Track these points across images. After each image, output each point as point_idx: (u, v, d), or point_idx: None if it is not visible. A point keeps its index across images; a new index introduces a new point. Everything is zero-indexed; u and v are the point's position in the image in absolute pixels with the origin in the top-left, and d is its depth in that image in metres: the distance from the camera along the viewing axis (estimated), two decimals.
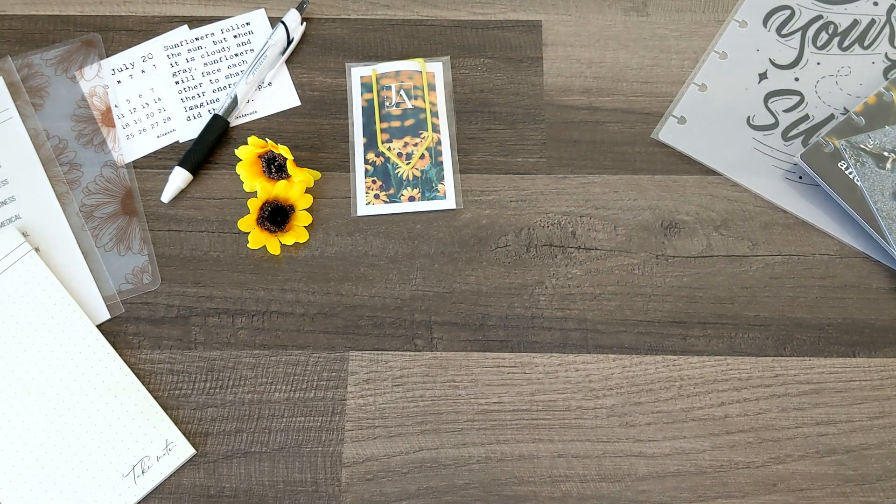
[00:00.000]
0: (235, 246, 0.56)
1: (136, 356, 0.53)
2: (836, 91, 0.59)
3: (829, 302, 0.54)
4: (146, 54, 0.61)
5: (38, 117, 0.58)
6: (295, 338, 0.54)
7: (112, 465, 0.50)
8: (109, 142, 0.58)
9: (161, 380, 0.53)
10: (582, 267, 0.55)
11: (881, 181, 0.54)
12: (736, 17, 0.61)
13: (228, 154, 0.58)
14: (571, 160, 0.58)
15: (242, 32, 0.62)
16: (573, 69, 0.61)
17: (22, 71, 0.60)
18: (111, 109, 0.59)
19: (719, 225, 0.56)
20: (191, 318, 0.54)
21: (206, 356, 0.53)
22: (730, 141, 0.57)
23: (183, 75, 0.60)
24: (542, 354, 0.53)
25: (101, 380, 0.52)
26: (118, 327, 0.54)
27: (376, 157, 0.58)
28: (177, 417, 0.52)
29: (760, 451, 0.50)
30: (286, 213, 0.55)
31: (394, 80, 0.60)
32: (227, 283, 0.55)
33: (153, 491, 0.50)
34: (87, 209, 0.56)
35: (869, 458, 0.50)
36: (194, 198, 0.57)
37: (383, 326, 0.54)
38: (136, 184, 0.57)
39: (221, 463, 0.51)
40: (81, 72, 0.60)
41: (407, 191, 0.57)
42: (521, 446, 0.51)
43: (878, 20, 0.60)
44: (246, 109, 0.60)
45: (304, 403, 0.52)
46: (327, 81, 0.60)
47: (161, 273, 0.55)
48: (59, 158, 0.57)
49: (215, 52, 0.61)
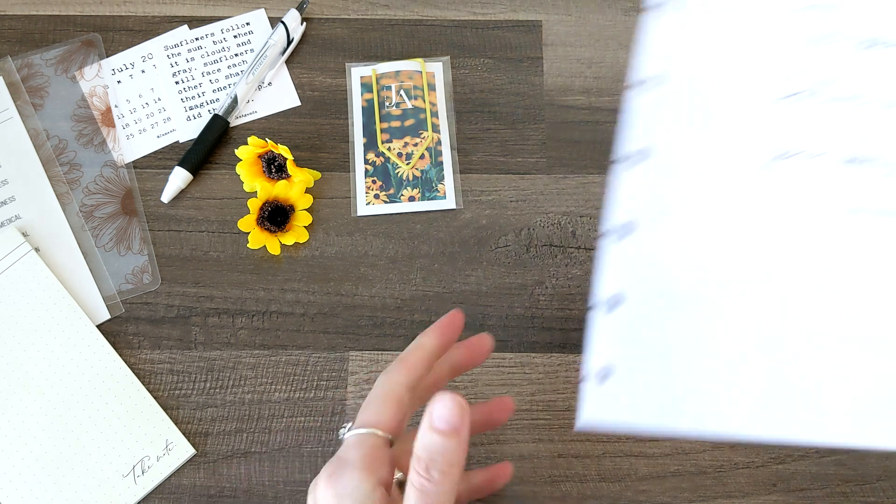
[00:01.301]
0: (235, 246, 0.56)
1: (136, 356, 0.53)
2: None
3: None
4: (146, 54, 0.61)
5: (38, 117, 0.58)
6: (295, 338, 0.54)
7: (112, 465, 0.50)
8: (109, 142, 0.58)
9: (161, 380, 0.53)
10: (582, 267, 0.55)
11: None
12: None
13: (228, 154, 0.58)
14: (571, 160, 0.58)
15: (242, 32, 0.61)
16: (573, 69, 0.61)
17: (22, 71, 0.60)
18: (111, 109, 0.59)
19: None
20: (191, 318, 0.54)
21: (206, 356, 0.53)
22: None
23: (183, 75, 0.60)
24: (542, 354, 0.53)
25: (101, 380, 0.52)
26: (118, 327, 0.54)
27: (376, 157, 0.58)
28: (177, 417, 0.52)
29: (760, 451, 0.50)
30: (286, 213, 0.55)
31: (394, 80, 0.60)
32: (227, 283, 0.55)
33: (153, 491, 0.50)
34: (87, 209, 0.56)
35: (869, 458, 0.50)
36: (194, 198, 0.57)
37: (383, 326, 0.54)
38: (136, 184, 0.57)
39: (221, 463, 0.51)
40: (81, 72, 0.60)
41: (407, 191, 0.57)
42: (521, 446, 0.51)
43: None
44: (246, 109, 0.60)
45: (304, 403, 0.52)
46: (327, 81, 0.60)
47: (161, 273, 0.55)
48: (59, 158, 0.57)
49: (215, 52, 0.61)
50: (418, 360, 0.40)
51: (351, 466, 0.36)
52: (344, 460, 0.37)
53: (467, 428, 0.35)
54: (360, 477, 0.35)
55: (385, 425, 0.38)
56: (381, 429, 0.38)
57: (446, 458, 0.34)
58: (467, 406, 0.35)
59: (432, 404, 0.34)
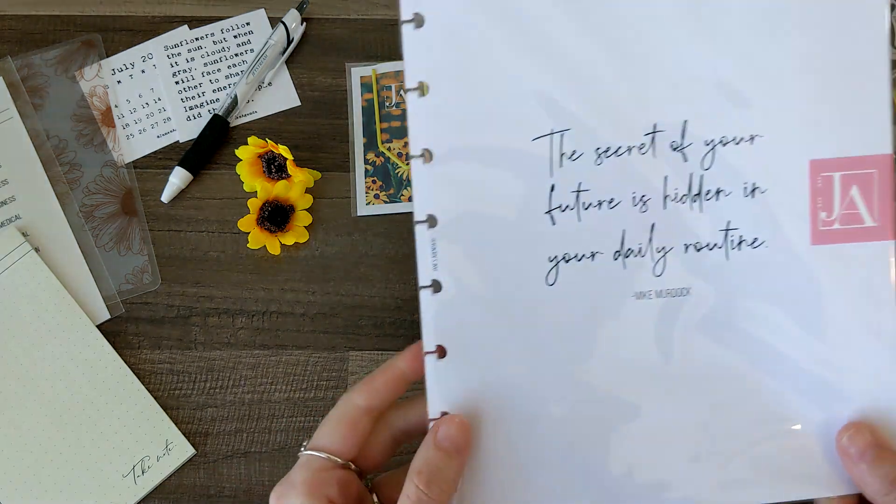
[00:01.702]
0: (235, 246, 0.56)
1: (136, 356, 0.53)
2: None
3: None
4: (146, 54, 0.61)
5: (38, 117, 0.58)
6: (295, 338, 0.54)
7: (112, 465, 0.50)
8: (109, 142, 0.58)
9: (161, 380, 0.53)
10: None
11: None
12: None
13: (228, 154, 0.58)
14: None
15: (242, 32, 0.61)
16: None
17: (22, 71, 0.60)
18: (111, 109, 0.59)
19: None
20: (191, 318, 0.54)
21: (206, 356, 0.53)
22: None
23: (183, 75, 0.60)
24: None
25: (101, 380, 0.52)
26: (118, 327, 0.54)
27: (376, 157, 0.58)
28: (177, 417, 0.52)
29: None
30: (286, 213, 0.55)
31: (394, 80, 0.60)
32: (227, 283, 0.55)
33: (153, 491, 0.50)
34: (87, 209, 0.56)
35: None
36: (194, 198, 0.57)
37: (383, 326, 0.54)
38: (136, 184, 0.57)
39: (221, 463, 0.51)
40: (81, 72, 0.60)
41: (407, 191, 0.57)
42: None
43: None
44: (246, 109, 0.60)
45: (304, 403, 0.52)
46: (327, 81, 0.60)
47: (161, 273, 0.55)
48: (59, 158, 0.57)
49: (215, 53, 0.61)
50: (384, 382, 0.40)
51: (296, 491, 0.37)
52: (290, 483, 0.38)
53: (469, 449, 0.37)
54: (303, 501, 0.37)
55: (335, 449, 0.39)
56: (331, 452, 0.39)
57: (446, 475, 0.36)
58: (470, 428, 0.37)
59: (438, 424, 0.37)
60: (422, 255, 0.38)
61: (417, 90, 0.38)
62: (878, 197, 0.37)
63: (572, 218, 0.38)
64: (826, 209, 0.38)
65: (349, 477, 0.39)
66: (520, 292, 0.38)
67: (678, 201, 0.38)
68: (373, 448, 0.40)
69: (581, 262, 0.38)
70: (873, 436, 0.37)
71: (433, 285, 0.38)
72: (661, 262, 0.38)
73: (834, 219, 0.38)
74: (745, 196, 0.38)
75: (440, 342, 0.38)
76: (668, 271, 0.38)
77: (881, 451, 0.36)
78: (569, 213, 0.38)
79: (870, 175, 0.37)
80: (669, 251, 0.38)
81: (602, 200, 0.38)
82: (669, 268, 0.38)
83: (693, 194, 0.38)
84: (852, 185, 0.37)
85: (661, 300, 0.38)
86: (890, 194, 0.37)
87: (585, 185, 0.38)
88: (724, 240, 0.38)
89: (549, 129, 0.38)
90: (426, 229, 0.38)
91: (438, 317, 0.38)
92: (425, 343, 0.38)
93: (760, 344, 0.38)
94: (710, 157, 0.38)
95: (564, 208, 0.38)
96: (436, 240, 0.38)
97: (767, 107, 0.37)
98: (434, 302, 0.38)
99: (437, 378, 0.38)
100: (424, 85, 0.38)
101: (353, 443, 0.39)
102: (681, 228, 0.38)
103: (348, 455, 0.39)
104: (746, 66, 0.37)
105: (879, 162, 0.37)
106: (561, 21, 0.37)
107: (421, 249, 0.38)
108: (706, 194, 0.38)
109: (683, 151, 0.38)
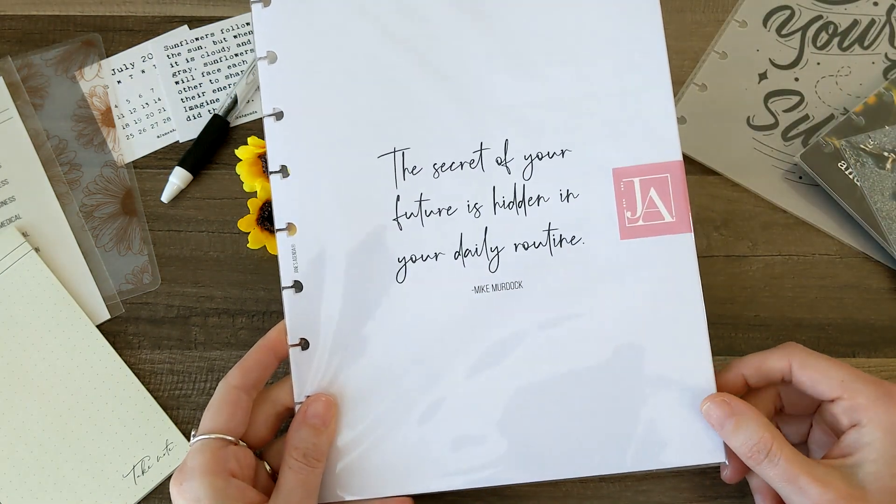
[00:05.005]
0: (235, 246, 0.56)
1: (136, 356, 0.53)
2: (835, 91, 0.59)
3: (829, 302, 0.54)
4: (146, 54, 0.61)
5: (38, 117, 0.58)
6: None
7: (112, 465, 0.50)
8: (109, 142, 0.58)
9: (161, 380, 0.53)
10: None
11: (881, 181, 0.54)
12: (736, 17, 0.61)
13: (228, 154, 0.58)
14: None
15: (242, 32, 0.62)
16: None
17: (22, 71, 0.60)
18: (111, 109, 0.59)
19: (719, 225, 0.56)
20: (191, 318, 0.54)
21: (206, 356, 0.53)
22: (730, 141, 0.57)
23: (183, 75, 0.60)
24: None
25: (101, 380, 0.52)
26: (118, 327, 0.54)
27: None
28: (177, 417, 0.52)
29: None
30: None
31: None
32: (227, 283, 0.55)
33: (153, 491, 0.50)
34: (87, 209, 0.56)
35: None
36: (194, 198, 0.57)
37: None
38: (136, 184, 0.57)
39: None
40: (81, 72, 0.60)
41: None
42: None
43: (879, 20, 0.60)
44: (246, 109, 0.60)
45: None
46: None
47: (161, 273, 0.55)
48: (59, 158, 0.57)
49: (215, 52, 0.61)
50: (256, 361, 0.44)
51: (198, 473, 0.40)
52: (189, 468, 0.40)
53: (335, 421, 0.43)
54: (209, 480, 0.39)
55: (223, 427, 0.42)
56: (219, 432, 0.42)
57: (319, 447, 0.42)
58: (335, 403, 0.43)
59: (306, 404, 0.43)
60: (283, 259, 0.45)
61: (274, 116, 0.46)
62: (674, 197, 0.44)
63: (416, 224, 0.45)
64: (630, 209, 0.44)
65: (243, 451, 0.42)
66: (374, 289, 0.44)
67: (506, 207, 0.45)
68: (259, 425, 0.44)
69: (426, 261, 0.45)
70: (730, 406, 0.42)
71: (295, 286, 0.45)
72: (496, 259, 0.45)
73: (638, 217, 0.44)
74: (562, 201, 0.45)
75: (303, 335, 0.44)
76: (502, 268, 0.44)
77: (739, 418, 0.41)
78: (413, 219, 0.45)
79: (664, 178, 0.44)
80: (502, 250, 0.45)
81: (441, 208, 0.45)
82: (503, 264, 0.44)
83: (518, 201, 0.45)
84: (650, 187, 0.44)
85: (497, 293, 0.44)
86: (684, 194, 0.44)
87: (426, 195, 0.45)
88: (548, 239, 0.44)
89: (392, 148, 0.45)
90: (286, 237, 0.45)
91: (301, 313, 0.44)
92: (290, 336, 0.44)
93: (584, 332, 0.44)
94: (529, 169, 0.45)
95: (409, 215, 0.45)
96: (295, 245, 0.45)
97: (575, 125, 0.45)
98: (296, 300, 0.45)
99: (300, 367, 0.44)
100: (279, 111, 0.46)
101: (240, 420, 0.43)
102: (510, 230, 0.45)
103: (237, 432, 0.42)
104: (555, 92, 0.45)
105: (671, 167, 0.45)
106: (396, 57, 0.45)
107: (283, 254, 0.45)
108: (529, 201, 0.45)
109: (507, 165, 0.45)
